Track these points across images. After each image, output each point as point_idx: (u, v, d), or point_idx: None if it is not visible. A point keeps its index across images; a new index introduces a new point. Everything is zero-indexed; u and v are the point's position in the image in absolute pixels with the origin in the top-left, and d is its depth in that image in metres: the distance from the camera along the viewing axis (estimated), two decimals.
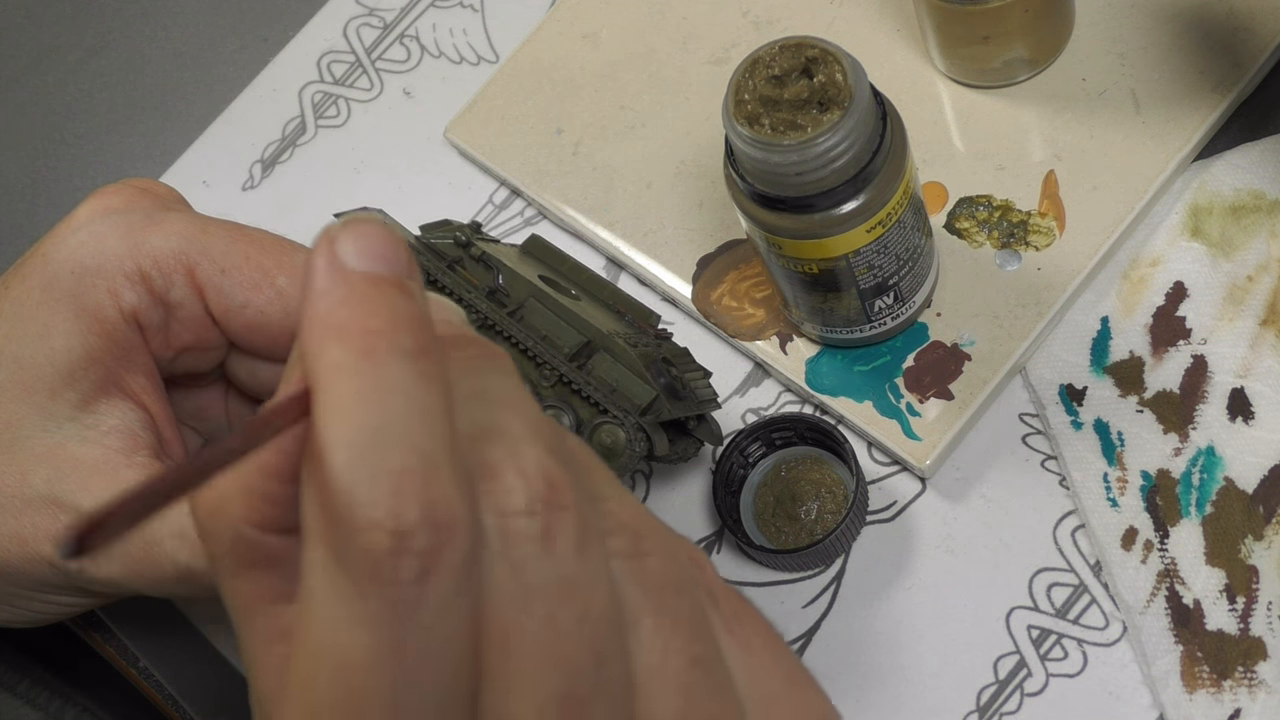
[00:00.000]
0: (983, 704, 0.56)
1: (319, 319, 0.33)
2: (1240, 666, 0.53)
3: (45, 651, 0.66)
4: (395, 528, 0.31)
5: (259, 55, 0.76)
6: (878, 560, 0.59)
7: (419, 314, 0.34)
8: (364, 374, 0.32)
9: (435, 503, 0.31)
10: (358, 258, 0.34)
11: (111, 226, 0.55)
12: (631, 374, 0.53)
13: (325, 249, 0.34)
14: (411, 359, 0.32)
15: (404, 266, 0.34)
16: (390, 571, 0.31)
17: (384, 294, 0.33)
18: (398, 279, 0.34)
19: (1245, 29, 0.62)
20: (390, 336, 0.33)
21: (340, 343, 0.32)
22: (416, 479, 0.31)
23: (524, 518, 0.33)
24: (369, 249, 0.34)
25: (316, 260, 0.33)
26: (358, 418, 0.31)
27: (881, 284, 0.57)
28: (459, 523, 0.31)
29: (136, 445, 0.53)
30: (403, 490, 0.31)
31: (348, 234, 0.34)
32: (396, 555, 0.31)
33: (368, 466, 0.31)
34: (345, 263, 0.33)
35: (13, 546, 0.52)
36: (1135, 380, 0.59)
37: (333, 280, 0.33)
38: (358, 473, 0.31)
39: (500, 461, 0.33)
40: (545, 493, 0.33)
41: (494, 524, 0.33)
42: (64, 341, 0.53)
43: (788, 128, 0.51)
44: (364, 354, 0.32)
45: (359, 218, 0.34)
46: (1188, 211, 0.60)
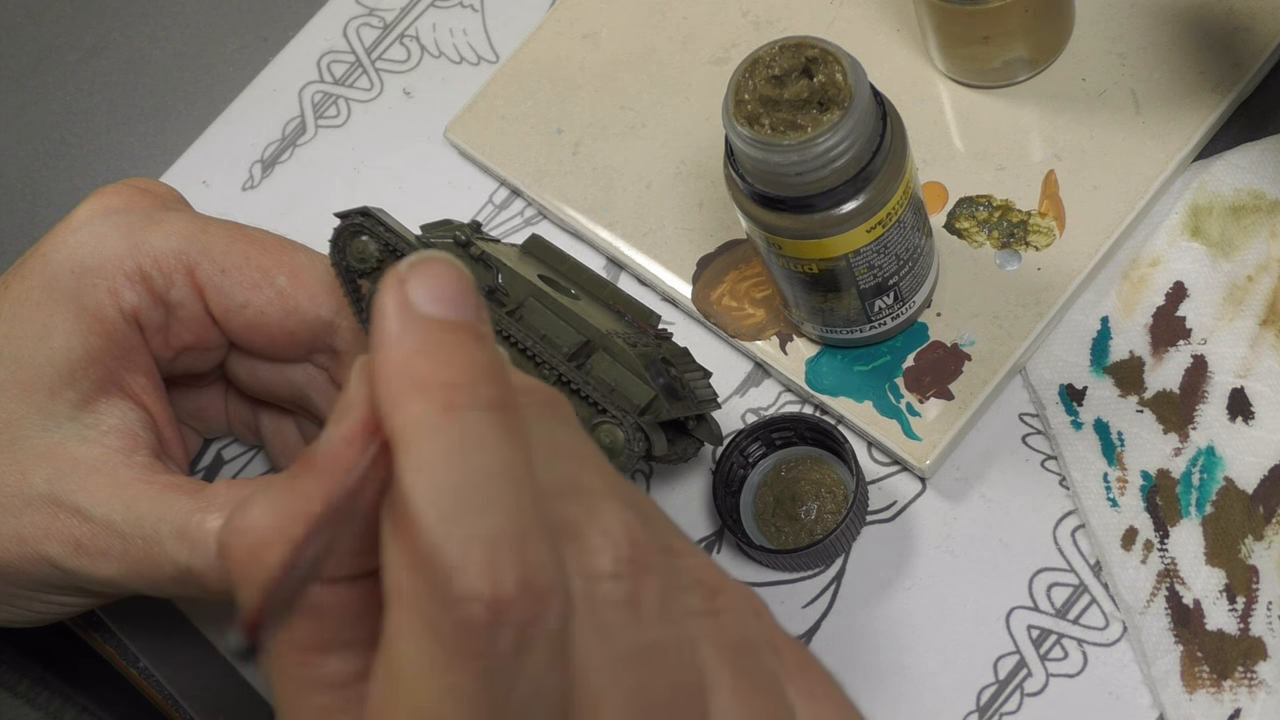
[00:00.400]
0: (983, 704, 0.56)
1: (395, 369, 0.31)
2: (1240, 666, 0.53)
3: (45, 651, 0.66)
4: (493, 598, 0.30)
5: (259, 55, 0.76)
6: (878, 560, 0.59)
7: (495, 362, 0.32)
8: (448, 431, 0.31)
9: (530, 570, 0.30)
10: (429, 302, 0.32)
11: (112, 226, 0.55)
12: (630, 374, 0.53)
13: (395, 291, 0.32)
14: (494, 412, 0.31)
15: (475, 310, 0.33)
16: (487, 644, 0.30)
17: (460, 342, 0.32)
18: (472, 325, 0.32)
19: (1245, 29, 0.62)
20: (470, 389, 0.31)
21: (420, 396, 0.31)
22: (511, 545, 0.30)
23: (611, 581, 0.32)
24: (441, 292, 0.32)
25: (386, 303, 0.32)
26: (446, 478, 0.30)
27: (881, 284, 0.57)
28: (554, 590, 0.30)
29: (136, 445, 0.53)
30: (498, 558, 0.30)
31: (418, 275, 0.32)
32: (494, 627, 0.30)
33: (460, 531, 0.30)
34: (417, 307, 0.32)
35: (13, 546, 0.52)
36: (1135, 380, 0.59)
37: (405, 327, 0.32)
38: (450, 538, 0.30)
39: (583, 520, 0.32)
40: (630, 552, 0.32)
41: (580, 587, 0.32)
42: (64, 341, 0.53)
43: (788, 128, 0.51)
44: (446, 409, 0.31)
45: (430, 256, 0.33)
46: (1188, 211, 0.60)
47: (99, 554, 0.52)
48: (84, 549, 0.52)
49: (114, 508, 0.51)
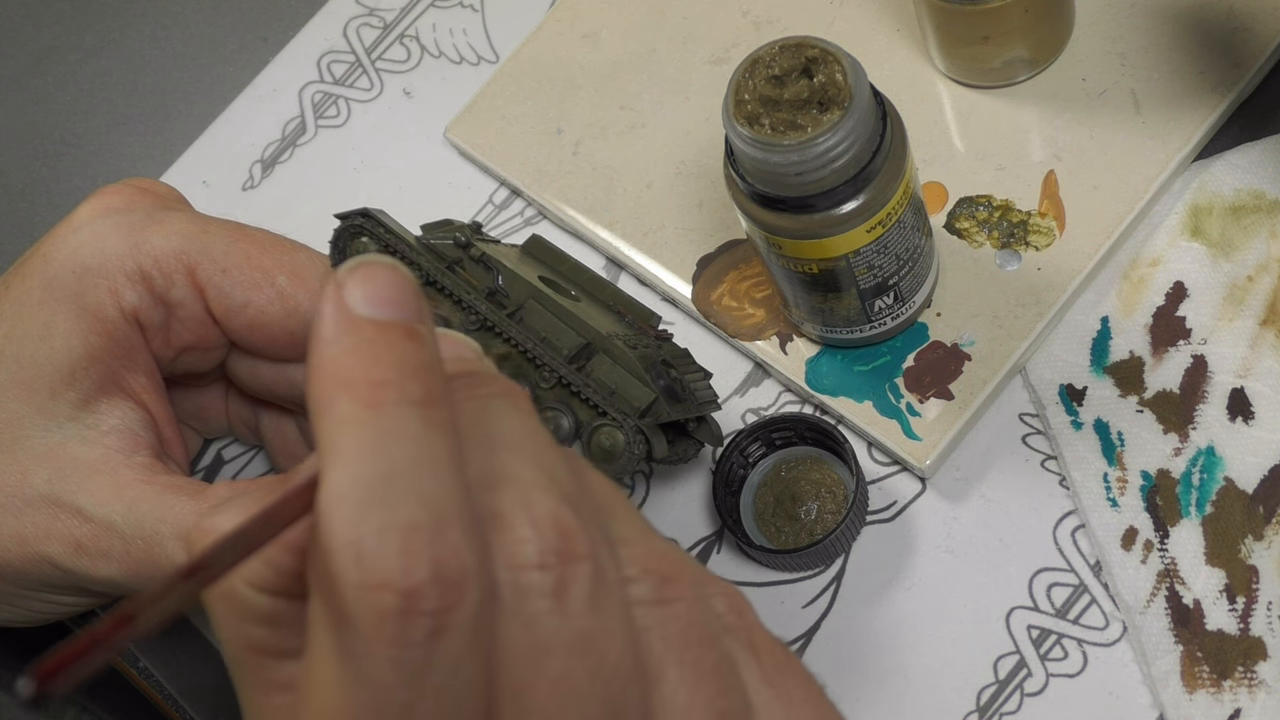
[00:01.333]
0: (983, 704, 0.56)
1: (326, 369, 0.32)
2: (1240, 666, 0.53)
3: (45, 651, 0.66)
4: (403, 586, 0.30)
5: (259, 55, 0.76)
6: (878, 560, 0.59)
7: (427, 360, 0.33)
8: (369, 425, 0.31)
9: (445, 559, 0.30)
10: (365, 303, 0.33)
11: (112, 226, 0.55)
12: (631, 376, 0.53)
13: (333, 295, 0.33)
14: (419, 408, 0.32)
15: (413, 310, 0.33)
16: (398, 632, 0.30)
17: (391, 341, 0.32)
18: (406, 325, 0.33)
19: (1245, 29, 0.62)
20: (398, 386, 0.32)
21: (347, 394, 0.31)
22: (425, 534, 0.30)
23: (536, 571, 0.32)
24: (376, 294, 0.33)
25: (324, 307, 0.33)
26: (362, 469, 0.30)
27: (881, 284, 0.57)
28: (469, 580, 0.30)
29: (137, 445, 0.53)
30: (411, 547, 0.30)
31: (355, 279, 0.33)
32: (405, 615, 0.30)
33: (374, 521, 0.30)
34: (353, 309, 0.33)
35: (13, 546, 0.52)
36: (1135, 380, 0.59)
37: (339, 328, 0.32)
38: (364, 528, 0.30)
39: (511, 511, 0.32)
40: (558, 543, 0.32)
41: (506, 578, 0.32)
42: (65, 341, 0.53)
43: (788, 128, 0.51)
44: (370, 404, 0.31)
45: (367, 260, 0.33)
46: (1188, 211, 0.60)
47: (99, 554, 0.52)
48: (84, 549, 0.52)
49: (115, 508, 0.51)
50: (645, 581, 0.34)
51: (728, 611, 0.36)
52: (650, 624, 0.34)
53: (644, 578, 0.34)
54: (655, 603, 0.34)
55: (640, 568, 0.34)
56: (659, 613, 0.34)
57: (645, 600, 0.34)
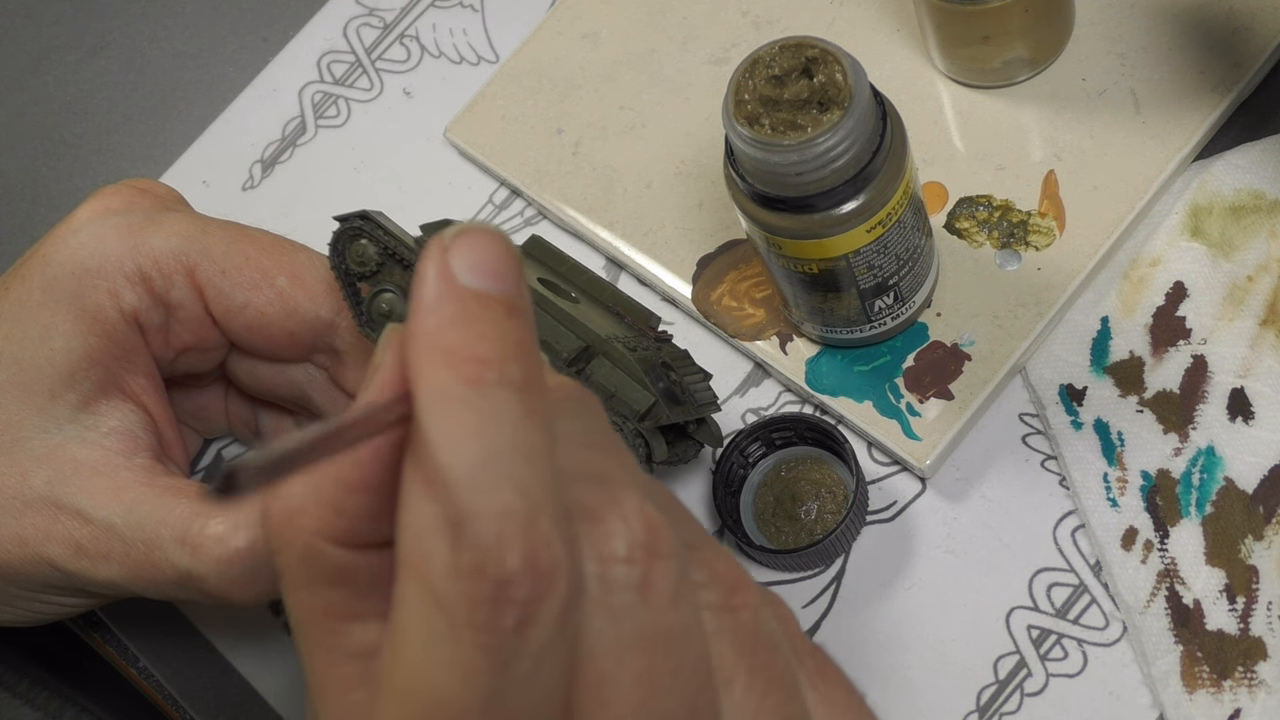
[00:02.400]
0: (983, 704, 0.56)
1: (427, 336, 0.31)
2: (1240, 666, 0.53)
3: (45, 651, 0.66)
4: (497, 574, 0.30)
5: (259, 55, 0.76)
6: (878, 560, 0.59)
7: (528, 340, 0.32)
8: (472, 404, 0.31)
9: (538, 549, 0.30)
10: (471, 273, 0.32)
11: (112, 227, 0.55)
12: (630, 379, 0.53)
13: (437, 259, 0.32)
14: (519, 393, 0.31)
15: (516, 285, 0.33)
16: (490, 619, 0.30)
17: (495, 317, 0.32)
18: (510, 300, 0.32)
19: (1245, 29, 0.62)
20: (499, 366, 0.31)
21: (449, 367, 0.31)
22: (520, 523, 0.30)
23: (624, 565, 0.32)
24: (483, 264, 0.32)
25: (427, 270, 0.32)
26: (464, 451, 0.30)
27: (881, 284, 0.57)
28: (560, 570, 0.30)
29: (137, 446, 0.53)
30: (506, 535, 0.30)
31: (462, 245, 0.32)
32: (497, 602, 0.30)
33: (472, 504, 0.30)
34: (458, 277, 0.32)
35: (13, 548, 0.52)
36: (1135, 380, 0.59)
37: (443, 295, 0.32)
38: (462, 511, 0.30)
39: (601, 506, 0.32)
40: (646, 539, 0.32)
41: (594, 570, 0.32)
42: (64, 343, 0.53)
43: (788, 128, 0.51)
44: (472, 382, 0.31)
45: (474, 227, 0.33)
46: (1188, 211, 0.60)
47: (100, 557, 0.52)
48: (84, 551, 0.52)
49: (115, 510, 0.51)
50: (715, 588, 0.34)
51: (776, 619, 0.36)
52: (720, 629, 0.34)
53: (713, 584, 0.34)
54: (724, 609, 0.34)
55: (709, 573, 0.34)
56: (728, 619, 0.34)
57: (715, 606, 0.34)
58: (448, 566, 0.30)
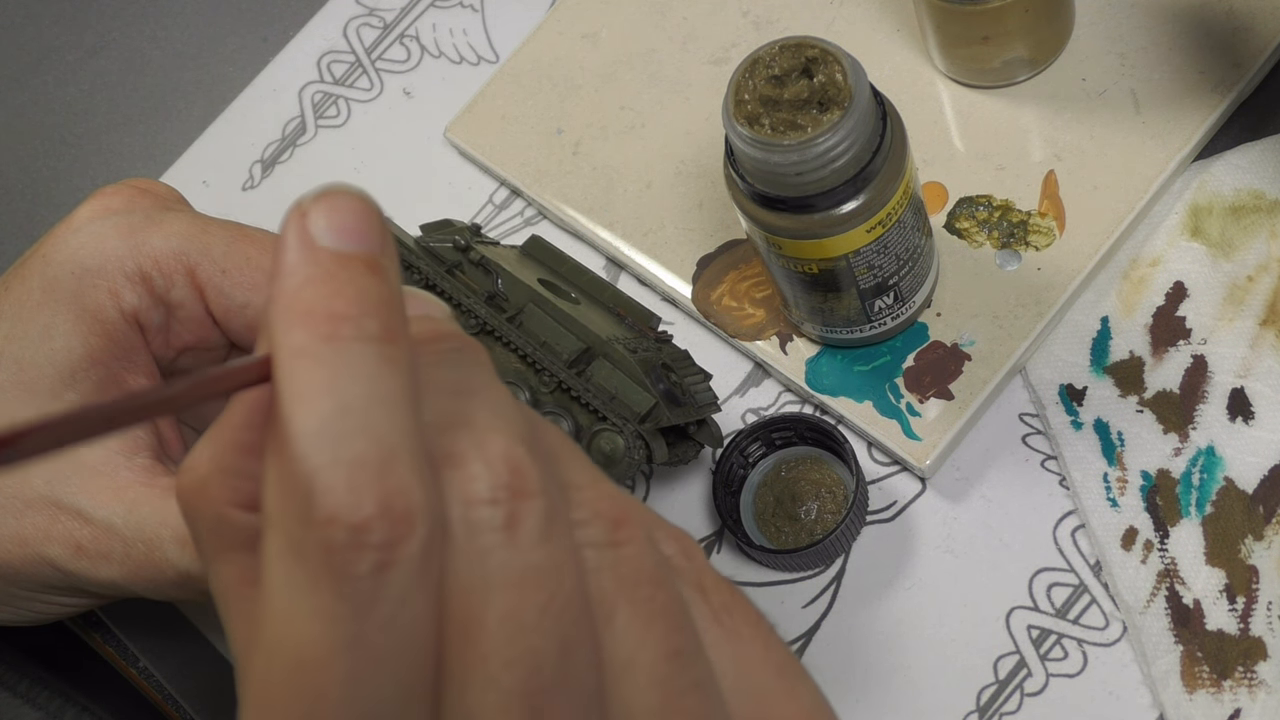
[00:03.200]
0: (983, 704, 0.56)
1: (284, 298, 0.32)
2: (1240, 666, 0.53)
3: (45, 651, 0.66)
4: (351, 520, 0.30)
5: (259, 55, 0.76)
6: (878, 560, 0.59)
7: (389, 296, 0.33)
8: (325, 360, 0.31)
9: (393, 494, 0.31)
10: (329, 233, 0.33)
11: (112, 227, 0.55)
12: (631, 381, 0.53)
13: (296, 222, 0.33)
14: (376, 344, 0.32)
15: (377, 243, 0.33)
16: (346, 565, 0.30)
17: (353, 274, 0.32)
18: (370, 257, 0.33)
19: (1245, 29, 0.62)
20: (356, 320, 0.32)
21: (304, 326, 0.32)
22: (373, 469, 0.31)
23: (487, 506, 0.32)
24: (341, 224, 0.33)
25: (286, 234, 0.33)
26: (318, 405, 0.31)
27: (881, 284, 0.57)
28: (417, 514, 0.31)
29: (137, 446, 0.53)
30: (359, 481, 0.30)
31: (320, 207, 0.33)
32: (352, 548, 0.30)
33: (326, 456, 0.30)
34: (316, 238, 0.32)
35: (13, 547, 0.52)
36: (1135, 380, 0.59)
37: (301, 257, 0.32)
38: (315, 463, 0.30)
39: (465, 450, 0.33)
40: (509, 480, 0.33)
41: (457, 514, 0.32)
42: (65, 342, 0.53)
43: (788, 128, 0.51)
44: (327, 339, 0.31)
45: (333, 189, 0.33)
46: (1188, 211, 0.60)
47: (100, 557, 0.52)
48: (85, 551, 0.52)
49: (115, 510, 0.51)
50: (596, 524, 0.34)
51: (677, 554, 0.36)
52: (601, 565, 0.34)
53: (595, 520, 0.34)
54: (606, 545, 0.34)
55: (591, 511, 0.35)
56: (609, 554, 0.34)
57: (596, 542, 0.34)
58: (303, 518, 0.30)
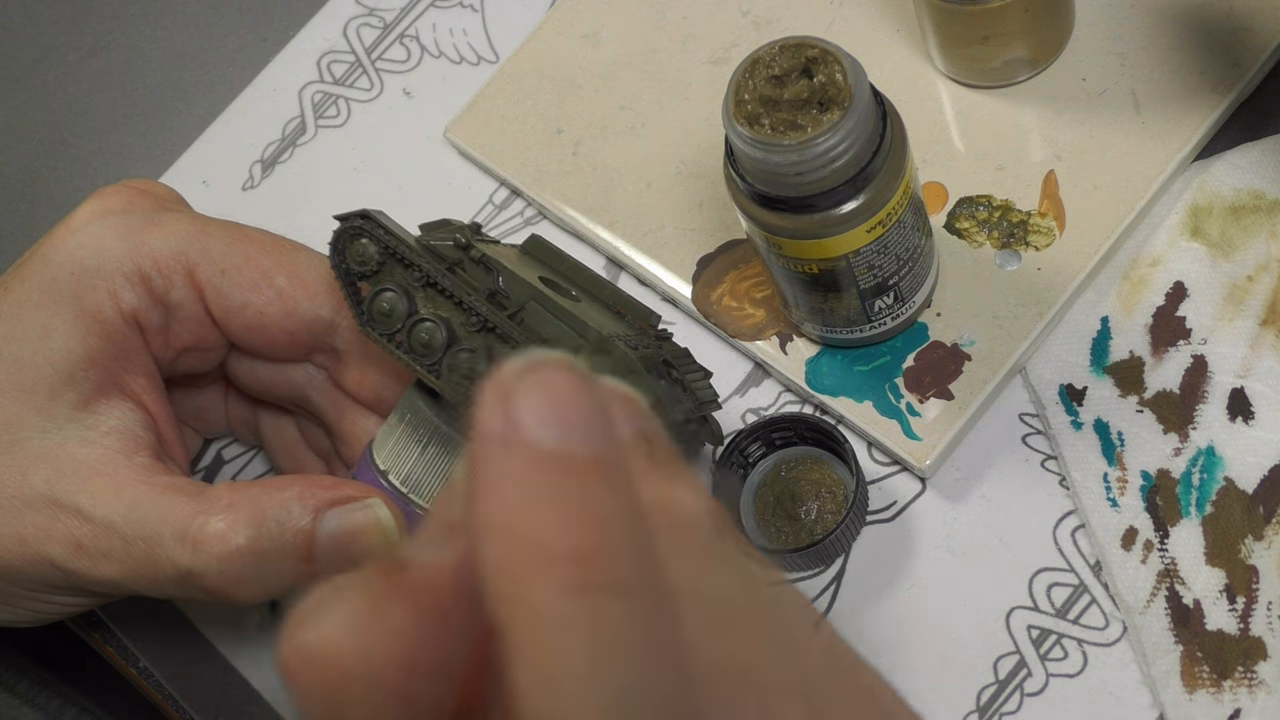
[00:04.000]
0: (983, 704, 0.56)
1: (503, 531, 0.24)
2: (1240, 666, 0.53)
3: (45, 651, 0.66)
4: None
5: (259, 55, 0.76)
6: (878, 560, 0.59)
7: (633, 514, 0.25)
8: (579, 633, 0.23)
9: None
10: (543, 425, 0.24)
11: (111, 228, 0.55)
12: None
13: (498, 410, 0.24)
14: (631, 598, 0.24)
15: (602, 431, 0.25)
16: None
17: (588, 489, 0.24)
18: (601, 459, 0.25)
19: (1245, 29, 0.62)
20: (605, 562, 0.24)
21: (538, 575, 0.24)
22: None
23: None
24: (559, 414, 0.24)
25: (487, 428, 0.25)
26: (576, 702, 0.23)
27: (881, 284, 0.57)
28: None
29: (137, 446, 0.53)
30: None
31: (529, 390, 0.25)
32: None
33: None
34: (528, 434, 0.24)
35: (14, 547, 0.52)
36: (1135, 380, 0.59)
37: (514, 466, 0.24)
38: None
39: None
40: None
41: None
42: (64, 343, 0.53)
43: (788, 128, 0.51)
44: (575, 593, 0.24)
45: (540, 362, 0.25)
46: (1188, 211, 0.60)
47: (100, 555, 0.52)
48: (85, 550, 0.52)
49: (115, 509, 0.51)
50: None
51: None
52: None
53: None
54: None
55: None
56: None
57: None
58: None
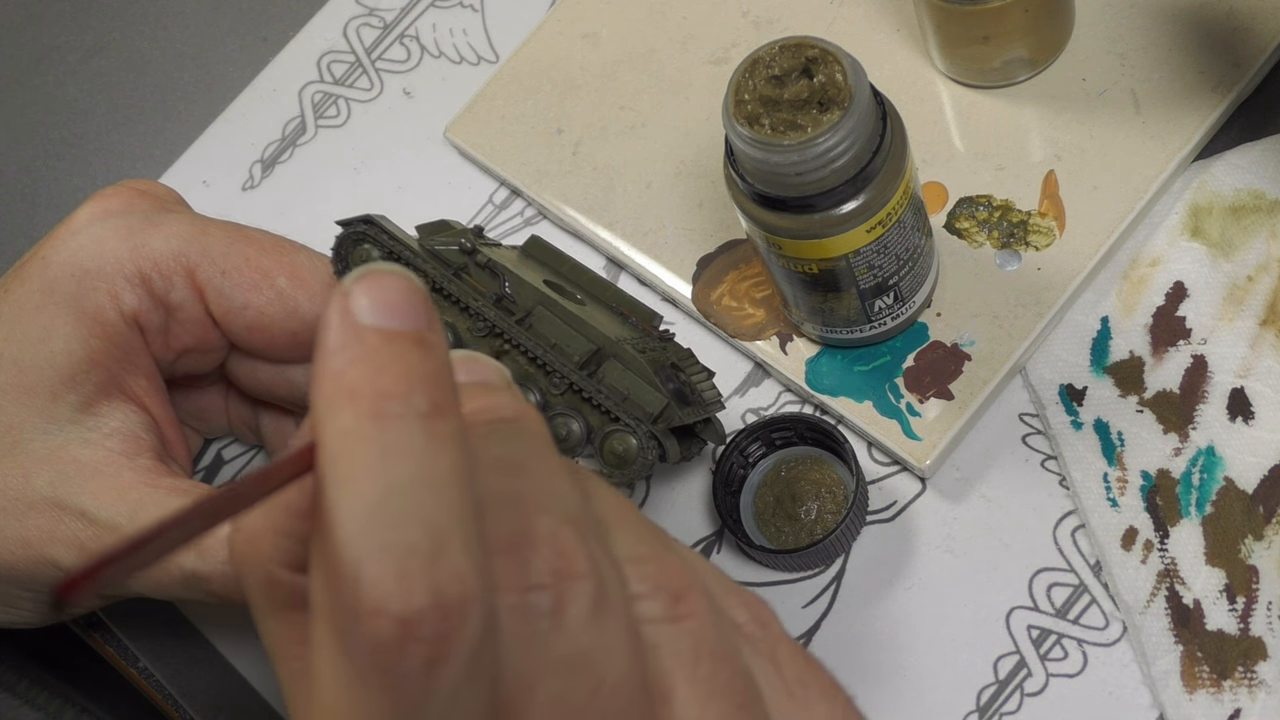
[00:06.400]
0: (983, 704, 0.56)
1: (329, 378, 0.31)
2: (1240, 666, 0.53)
3: (45, 651, 0.66)
4: (401, 614, 0.29)
5: (259, 55, 0.76)
6: (878, 560, 0.59)
7: (437, 370, 0.32)
8: (372, 439, 0.30)
9: (444, 585, 0.29)
10: (372, 312, 0.32)
11: (111, 229, 0.55)
12: (642, 381, 0.53)
13: (339, 303, 0.32)
14: (424, 421, 0.31)
15: (423, 318, 0.32)
16: (395, 662, 0.29)
17: (398, 350, 0.31)
18: (416, 333, 0.32)
19: (1245, 29, 0.62)
20: (404, 397, 0.31)
21: (350, 405, 0.31)
22: (424, 558, 0.29)
23: (534, 592, 0.31)
24: (385, 301, 0.32)
25: (330, 315, 0.32)
26: (364, 488, 0.30)
27: (881, 284, 0.57)
28: (470, 606, 0.29)
29: (139, 447, 0.53)
30: (410, 571, 0.29)
31: (362, 287, 0.32)
32: (402, 644, 0.29)
33: (373, 543, 0.29)
34: (359, 318, 0.32)
35: (17, 549, 0.52)
36: (1135, 380, 0.59)
37: (345, 337, 0.31)
38: (362, 550, 0.29)
39: (512, 532, 0.32)
40: (556, 563, 0.31)
41: (506, 600, 0.31)
42: (64, 344, 0.53)
43: (788, 128, 0.51)
44: (374, 417, 0.30)
45: (374, 268, 0.33)
46: (1188, 211, 0.60)
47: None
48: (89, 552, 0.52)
49: (119, 511, 0.52)
50: (656, 598, 0.33)
51: (749, 622, 0.35)
52: (660, 641, 0.33)
53: (655, 594, 0.33)
54: (666, 620, 0.33)
55: (651, 584, 0.33)
56: (669, 630, 0.33)
57: (655, 618, 0.33)
58: (350, 609, 0.29)
